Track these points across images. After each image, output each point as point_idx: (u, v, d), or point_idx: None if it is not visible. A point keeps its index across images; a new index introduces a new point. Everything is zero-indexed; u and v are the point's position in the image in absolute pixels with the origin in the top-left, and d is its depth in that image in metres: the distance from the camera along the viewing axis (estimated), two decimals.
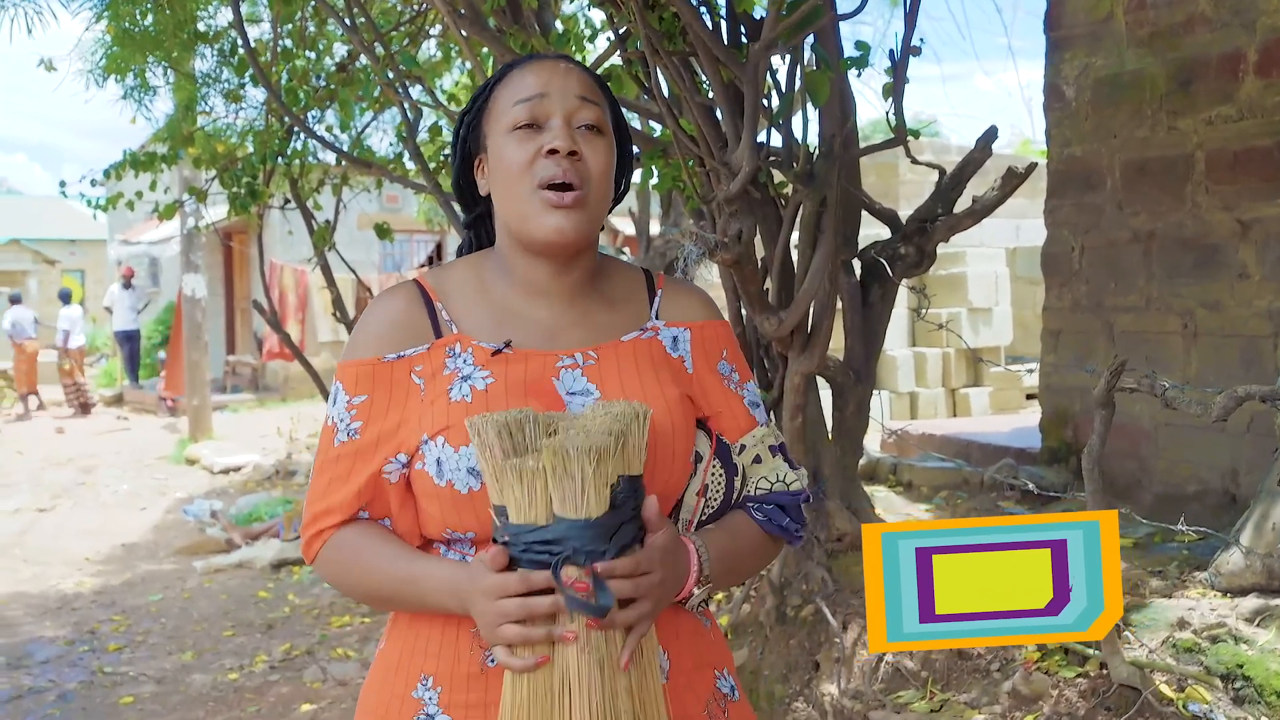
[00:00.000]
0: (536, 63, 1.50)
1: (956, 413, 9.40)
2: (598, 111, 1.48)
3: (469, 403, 1.41)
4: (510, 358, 1.45)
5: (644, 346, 1.51)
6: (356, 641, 5.49)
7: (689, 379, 1.52)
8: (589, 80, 1.50)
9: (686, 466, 1.48)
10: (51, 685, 5.09)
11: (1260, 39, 4.63)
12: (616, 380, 1.46)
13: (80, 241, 34.82)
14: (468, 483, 1.38)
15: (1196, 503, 4.79)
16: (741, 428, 1.54)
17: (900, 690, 3.35)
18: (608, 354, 1.48)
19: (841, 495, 3.77)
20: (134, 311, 17.72)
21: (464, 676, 1.41)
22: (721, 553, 1.46)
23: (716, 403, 1.53)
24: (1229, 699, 2.89)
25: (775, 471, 1.54)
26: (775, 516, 1.53)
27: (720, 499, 1.52)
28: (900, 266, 3.73)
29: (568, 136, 1.44)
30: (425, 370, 1.45)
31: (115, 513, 9.35)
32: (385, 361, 1.46)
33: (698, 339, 1.55)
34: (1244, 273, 4.72)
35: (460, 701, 1.41)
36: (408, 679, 1.44)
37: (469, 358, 1.45)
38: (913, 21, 3.35)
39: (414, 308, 1.49)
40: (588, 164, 1.45)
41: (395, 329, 1.48)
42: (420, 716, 1.42)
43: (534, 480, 1.29)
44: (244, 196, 5.28)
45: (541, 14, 3.89)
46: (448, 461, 1.39)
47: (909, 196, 11.80)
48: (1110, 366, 2.81)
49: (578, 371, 1.46)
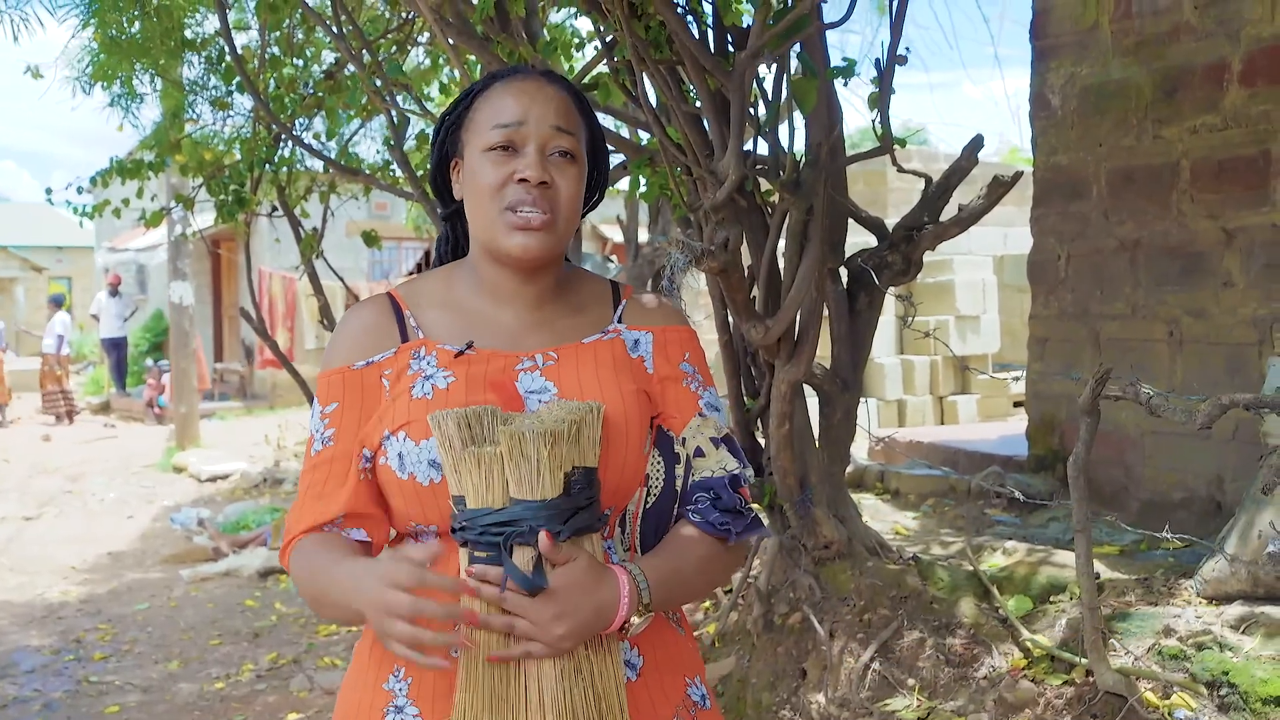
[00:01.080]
0: (518, 83, 1.53)
1: (944, 420, 9.41)
2: (572, 140, 1.52)
3: (429, 400, 1.46)
4: (472, 359, 1.50)
5: (605, 347, 1.56)
6: (344, 650, 5.48)
7: (648, 378, 1.56)
8: (567, 105, 1.54)
9: (641, 460, 1.51)
10: (37, 695, 5.06)
11: (1244, 49, 4.66)
12: (574, 378, 1.51)
13: (68, 249, 34.79)
14: (429, 475, 1.43)
15: (1182, 510, 4.81)
16: (685, 422, 1.56)
17: (887, 698, 3.35)
18: (568, 354, 1.53)
19: (829, 503, 3.77)
20: (121, 319, 17.67)
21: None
22: (662, 577, 1.46)
23: (671, 402, 1.56)
24: (1214, 706, 2.90)
25: (719, 463, 1.55)
26: (709, 515, 1.52)
27: (661, 487, 1.54)
28: (887, 274, 3.73)
29: (539, 166, 1.48)
30: (392, 373, 1.51)
31: (102, 521, 9.31)
32: (355, 369, 1.52)
33: (659, 341, 1.59)
34: (1229, 281, 4.74)
35: (428, 693, 1.44)
36: (380, 671, 1.49)
37: (433, 359, 1.50)
38: (898, 30, 3.36)
39: (383, 317, 1.55)
40: (558, 191, 1.50)
41: (365, 338, 1.54)
42: (390, 708, 1.46)
43: (491, 465, 1.36)
44: (231, 204, 5.27)
45: (529, 22, 3.88)
46: (409, 455, 1.44)
47: (898, 204, 11.85)
48: (1095, 374, 2.82)
49: (536, 372, 1.51)
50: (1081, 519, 2.94)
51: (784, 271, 3.51)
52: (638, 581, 1.43)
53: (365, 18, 5.58)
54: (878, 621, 3.55)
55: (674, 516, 1.55)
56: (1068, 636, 3.27)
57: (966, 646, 3.40)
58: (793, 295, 3.31)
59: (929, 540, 4.78)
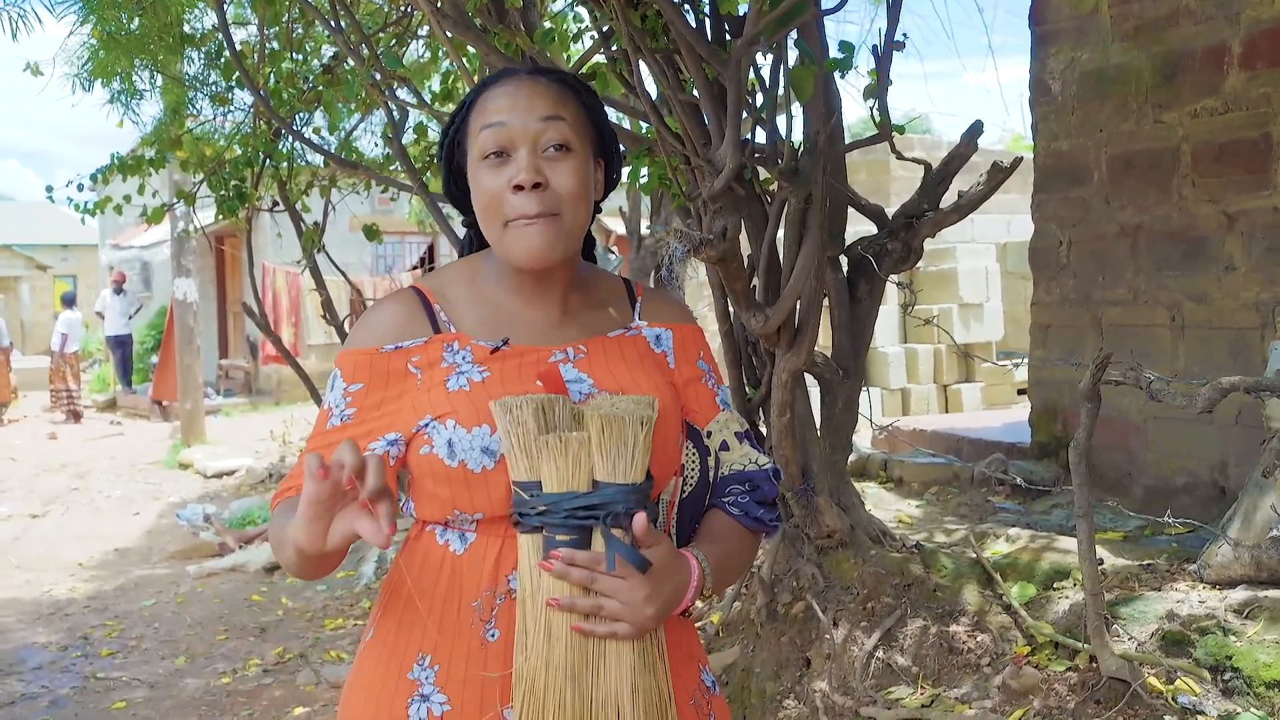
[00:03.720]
0: (502, 84, 1.53)
1: (949, 408, 9.41)
2: (563, 128, 1.50)
3: (469, 392, 1.46)
4: (506, 354, 1.51)
5: (629, 342, 1.59)
6: (350, 644, 5.49)
7: (671, 373, 1.61)
8: (554, 93, 1.52)
9: (677, 451, 1.54)
10: (44, 691, 5.08)
11: (1244, 31, 4.64)
12: (606, 371, 1.53)
13: (72, 246, 34.83)
14: (481, 462, 1.42)
15: (1186, 495, 4.81)
16: (709, 417, 1.62)
17: (891, 686, 3.35)
18: (596, 348, 1.56)
19: (831, 492, 3.77)
20: (126, 316, 17.70)
21: (464, 651, 1.44)
22: (718, 563, 1.52)
23: (692, 397, 1.61)
24: (1218, 691, 2.90)
25: (745, 457, 1.62)
26: (750, 509, 1.60)
27: (696, 477, 1.58)
28: (887, 262, 3.73)
29: (532, 168, 1.47)
30: (422, 361, 1.50)
31: (108, 518, 9.33)
32: (383, 352, 1.51)
33: (679, 339, 1.64)
34: (1230, 265, 4.73)
35: (459, 677, 1.44)
36: (403, 661, 1.47)
37: (468, 354, 1.51)
38: (895, 17, 3.35)
39: (414, 309, 1.55)
40: (556, 190, 1.49)
41: (395, 325, 1.54)
42: (415, 696, 1.45)
43: (580, 450, 1.38)
44: (232, 199, 5.27)
45: (527, 13, 3.87)
46: (460, 442, 1.43)
47: (900, 192, 11.81)
48: (1095, 360, 2.82)
49: (569, 365, 1.52)
50: (1083, 505, 2.94)
51: (783, 260, 3.51)
52: (703, 565, 1.48)
53: (364, 11, 5.58)
54: (881, 610, 3.55)
55: (705, 506, 1.60)
56: (1071, 623, 3.27)
57: (970, 634, 3.40)
58: (792, 284, 3.30)
59: (932, 528, 4.78)
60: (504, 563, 1.44)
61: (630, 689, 1.39)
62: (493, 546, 1.44)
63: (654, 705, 1.41)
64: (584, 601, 1.38)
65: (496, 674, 1.42)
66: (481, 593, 1.44)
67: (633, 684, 1.39)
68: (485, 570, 1.44)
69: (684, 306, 1.70)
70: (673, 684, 1.49)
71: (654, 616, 1.39)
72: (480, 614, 1.43)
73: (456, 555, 1.47)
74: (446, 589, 1.46)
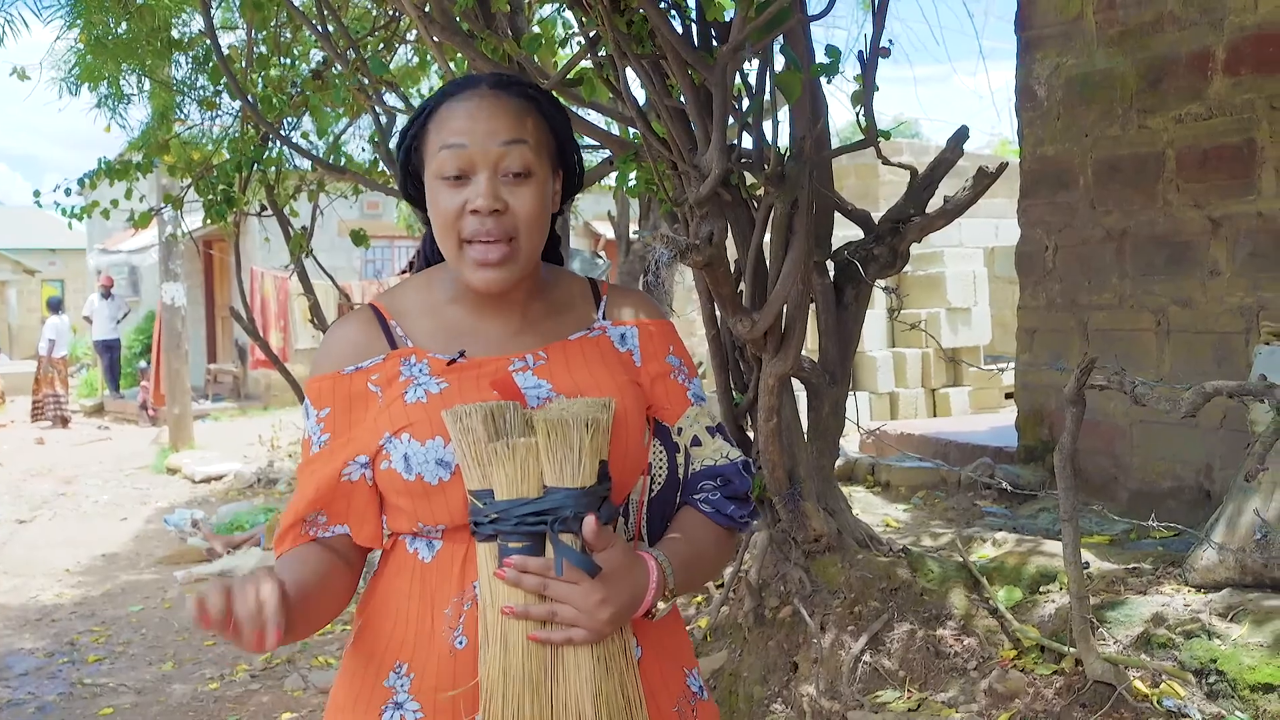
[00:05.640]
0: (463, 101, 1.50)
1: (937, 413, 9.42)
2: (524, 152, 1.48)
3: (425, 404, 1.47)
4: (465, 366, 1.51)
5: (592, 344, 1.58)
6: (337, 649, 5.48)
7: (637, 371, 1.58)
8: (515, 111, 1.50)
9: (642, 450, 1.54)
10: (30, 697, 5.05)
11: (1228, 37, 4.67)
12: (566, 375, 1.52)
13: (60, 251, 34.69)
14: (437, 474, 1.43)
15: (1171, 499, 4.82)
16: (680, 413, 1.59)
17: (878, 690, 3.36)
18: (556, 352, 1.55)
19: (818, 496, 3.78)
20: (114, 321, 17.64)
21: (435, 659, 1.44)
22: (683, 562, 1.51)
23: (662, 395, 1.59)
24: (1203, 694, 2.91)
25: (717, 451, 1.60)
26: (722, 506, 1.58)
27: (665, 475, 1.57)
28: (873, 267, 3.74)
29: (490, 194, 1.46)
30: (380, 379, 1.51)
31: (96, 523, 9.29)
32: (344, 374, 1.52)
33: (644, 335, 1.61)
34: (1215, 269, 4.75)
35: (430, 686, 1.44)
36: (380, 668, 1.48)
37: (424, 367, 1.51)
38: (881, 22, 3.36)
39: (370, 327, 1.56)
40: (515, 215, 1.48)
41: (353, 346, 1.54)
42: (389, 704, 1.46)
43: (527, 456, 1.37)
44: (220, 204, 5.26)
45: (514, 18, 3.88)
46: (414, 456, 1.44)
47: (889, 197, 11.82)
48: (1080, 364, 2.83)
49: (528, 372, 1.52)
50: (1068, 508, 2.95)
51: (770, 265, 3.52)
52: (663, 566, 1.47)
53: (351, 15, 5.57)
54: (868, 614, 3.56)
55: (676, 504, 1.59)
56: (1057, 626, 3.29)
57: (956, 638, 3.41)
58: (778, 289, 3.31)
59: (919, 532, 4.79)
60: (469, 570, 1.44)
61: (592, 694, 1.38)
62: (458, 554, 1.45)
63: (620, 709, 1.40)
64: (538, 609, 1.37)
65: (453, 692, 1.42)
66: (450, 600, 1.45)
67: (595, 689, 1.38)
68: (453, 577, 1.45)
69: (651, 302, 1.68)
70: (655, 689, 1.48)
71: (610, 620, 1.38)
72: (449, 621, 1.44)
73: (425, 563, 1.48)
74: (419, 597, 1.47)
